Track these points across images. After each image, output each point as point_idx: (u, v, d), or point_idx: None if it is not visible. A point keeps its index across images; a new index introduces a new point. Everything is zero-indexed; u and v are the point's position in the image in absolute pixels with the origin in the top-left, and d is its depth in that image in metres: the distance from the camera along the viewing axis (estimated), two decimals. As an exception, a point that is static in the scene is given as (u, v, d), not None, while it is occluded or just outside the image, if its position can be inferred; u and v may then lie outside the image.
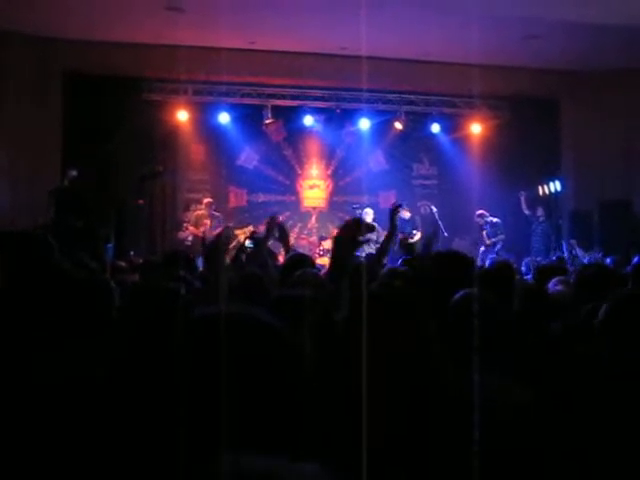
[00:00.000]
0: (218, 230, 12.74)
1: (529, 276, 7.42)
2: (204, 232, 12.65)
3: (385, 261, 5.29)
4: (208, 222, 12.77)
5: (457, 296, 2.26)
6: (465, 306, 2.14)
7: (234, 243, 11.57)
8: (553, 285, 4.86)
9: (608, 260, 8.42)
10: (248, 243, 6.71)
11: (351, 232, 2.20)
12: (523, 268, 9.12)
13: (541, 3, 10.06)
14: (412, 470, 1.31)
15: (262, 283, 4.01)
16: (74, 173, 11.56)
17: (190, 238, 12.70)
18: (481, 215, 13.25)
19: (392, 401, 1.46)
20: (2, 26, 11.12)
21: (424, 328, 1.69)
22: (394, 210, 4.83)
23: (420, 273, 4.45)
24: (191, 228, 12.74)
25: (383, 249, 4.79)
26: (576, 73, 13.69)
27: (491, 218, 13.17)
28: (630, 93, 13.56)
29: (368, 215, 12.74)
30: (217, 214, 13.03)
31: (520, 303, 3.39)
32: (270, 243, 6.21)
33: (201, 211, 13.00)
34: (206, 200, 13.16)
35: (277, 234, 5.75)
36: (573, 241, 12.19)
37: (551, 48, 12.07)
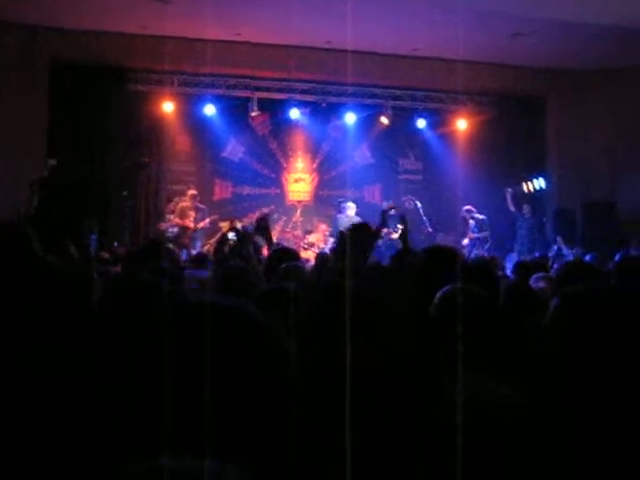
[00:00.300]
0: (206, 221, 12.75)
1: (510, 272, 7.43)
2: (189, 224, 12.62)
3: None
4: (193, 214, 12.72)
5: (443, 291, 2.25)
6: (451, 301, 2.13)
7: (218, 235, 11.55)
8: (534, 282, 4.87)
9: (588, 257, 8.44)
10: (231, 235, 6.68)
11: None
12: (508, 264, 9.15)
13: (529, 1, 10.08)
14: (399, 471, 1.30)
15: (245, 275, 3.99)
16: (53, 162, 11.48)
17: (175, 230, 12.62)
18: (468, 210, 13.28)
19: (374, 397, 1.45)
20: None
21: (402, 324, 1.69)
22: (387, 210, 4.80)
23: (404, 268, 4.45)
24: (176, 220, 12.69)
25: (368, 245, 4.76)
26: (562, 71, 13.74)
27: (477, 214, 13.20)
28: (616, 93, 13.62)
29: (350, 209, 12.80)
30: (202, 206, 12.99)
31: (503, 299, 3.39)
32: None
33: (185, 203, 12.93)
34: (190, 192, 13.09)
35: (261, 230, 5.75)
36: (559, 238, 12.25)
37: (538, 46, 12.11)
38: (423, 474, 1.31)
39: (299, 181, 15.03)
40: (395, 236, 12.72)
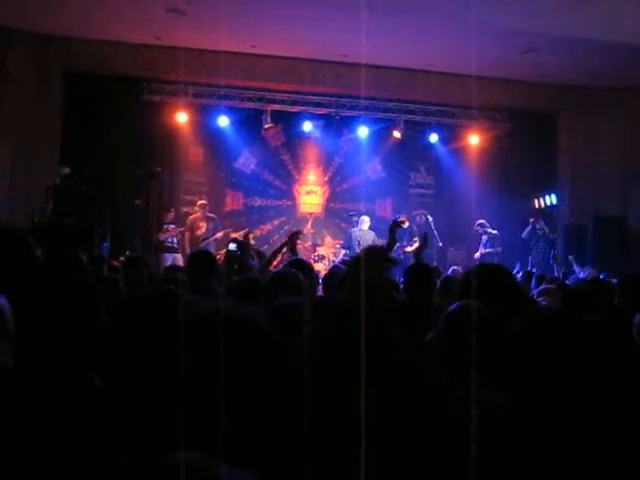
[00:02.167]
0: (220, 233, 12.70)
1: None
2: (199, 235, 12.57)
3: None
4: (204, 224, 12.67)
5: (453, 306, 2.26)
6: (461, 317, 2.14)
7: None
8: (537, 296, 4.84)
9: (601, 276, 8.42)
10: (232, 247, 6.77)
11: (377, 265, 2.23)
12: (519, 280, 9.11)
13: (542, 18, 10.11)
14: (408, 474, 1.32)
15: (260, 287, 3.99)
16: (66, 170, 11.53)
17: (175, 240, 12.58)
18: (481, 224, 13.24)
19: (382, 408, 1.47)
20: (3, 23, 11.13)
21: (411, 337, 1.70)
22: (395, 225, 4.82)
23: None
24: (186, 232, 12.66)
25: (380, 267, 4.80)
26: (574, 88, 13.74)
27: (490, 230, 13.16)
28: (627, 109, 13.61)
29: (364, 223, 12.76)
30: (212, 215, 12.94)
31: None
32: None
33: (196, 214, 12.88)
34: (200, 202, 13.00)
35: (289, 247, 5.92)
36: (571, 257, 12.16)
37: (551, 62, 12.12)
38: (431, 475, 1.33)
39: (310, 193, 15.06)
40: (409, 249, 12.71)
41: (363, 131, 14.43)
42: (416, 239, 12.97)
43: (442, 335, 2.24)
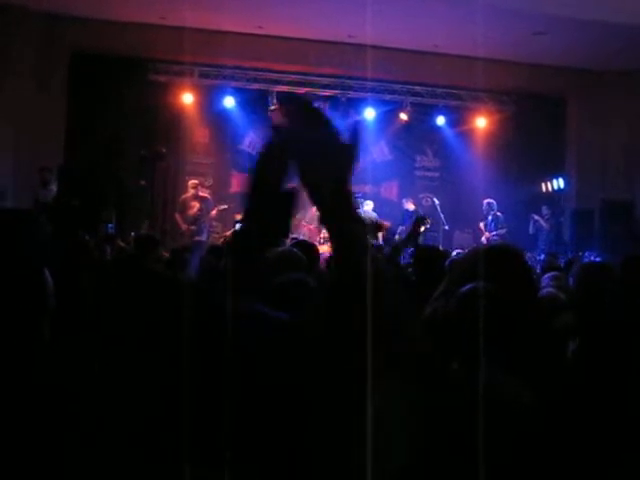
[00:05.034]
0: (213, 211, 12.52)
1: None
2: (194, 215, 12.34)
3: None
4: (196, 204, 12.36)
5: (464, 289, 2.23)
6: (472, 300, 2.12)
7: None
8: (546, 281, 4.79)
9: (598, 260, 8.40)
10: (238, 226, 6.78)
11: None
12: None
13: (550, 0, 10.02)
14: (415, 468, 1.30)
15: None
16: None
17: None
18: (489, 204, 13.17)
19: (391, 396, 1.45)
20: (9, 2, 11.06)
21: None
22: (419, 222, 4.80)
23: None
24: (176, 214, 12.45)
25: (397, 249, 4.82)
26: (583, 72, 13.65)
27: (497, 211, 13.12)
28: (635, 93, 13.51)
29: (368, 206, 12.80)
30: (205, 195, 12.72)
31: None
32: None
33: (187, 194, 12.62)
34: (191, 182, 12.75)
35: None
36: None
37: (559, 45, 12.04)
38: (438, 468, 1.32)
39: (316, 175, 15.01)
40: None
41: (369, 113, 14.35)
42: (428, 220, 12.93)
43: (453, 318, 2.22)
